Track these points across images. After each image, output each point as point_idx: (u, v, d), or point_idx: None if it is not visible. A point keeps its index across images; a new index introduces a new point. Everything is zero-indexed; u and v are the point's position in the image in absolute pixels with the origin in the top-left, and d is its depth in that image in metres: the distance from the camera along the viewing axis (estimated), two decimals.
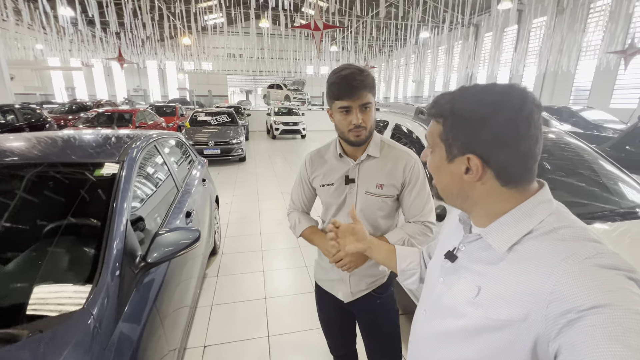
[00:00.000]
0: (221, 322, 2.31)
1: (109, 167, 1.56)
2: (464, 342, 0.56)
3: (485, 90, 0.54)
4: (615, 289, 0.40)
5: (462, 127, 0.54)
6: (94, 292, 1.06)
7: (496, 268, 0.54)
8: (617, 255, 0.45)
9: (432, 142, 0.61)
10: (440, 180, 0.62)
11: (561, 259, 0.46)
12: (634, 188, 2.04)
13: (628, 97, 11.37)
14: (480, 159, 0.53)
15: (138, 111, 8.56)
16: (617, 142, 4.00)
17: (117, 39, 15.80)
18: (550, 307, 0.43)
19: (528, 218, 0.53)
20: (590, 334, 0.38)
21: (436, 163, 0.61)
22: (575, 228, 0.50)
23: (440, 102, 0.58)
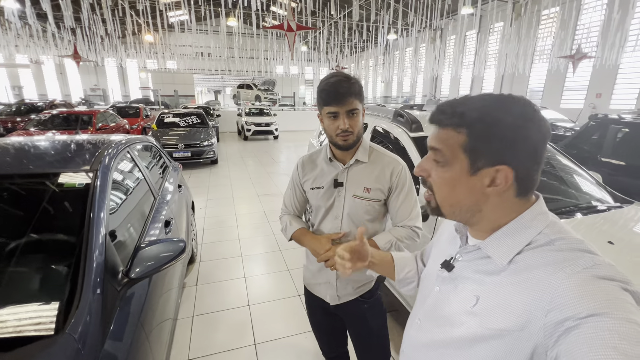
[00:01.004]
0: (204, 333, 2.23)
1: (81, 177, 1.45)
2: (460, 351, 0.56)
3: (500, 98, 0.53)
4: (611, 299, 0.41)
5: (496, 135, 0.51)
6: (76, 315, 0.98)
7: (495, 278, 0.54)
8: (613, 267, 0.46)
9: (449, 154, 0.55)
10: (453, 195, 0.57)
11: (559, 269, 0.47)
12: (587, 180, 2.24)
13: (576, 98, 12.44)
14: (513, 169, 0.51)
15: (98, 112, 8.01)
16: (570, 140, 4.37)
17: (72, 35, 14.68)
18: (549, 316, 0.44)
19: (526, 230, 0.54)
20: (587, 341, 0.39)
21: (452, 177, 0.56)
22: (570, 239, 0.51)
23: (458, 109, 0.54)
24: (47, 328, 0.96)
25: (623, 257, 1.42)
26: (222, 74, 24.24)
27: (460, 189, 0.56)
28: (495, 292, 0.53)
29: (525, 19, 11.81)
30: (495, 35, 14.80)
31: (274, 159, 8.78)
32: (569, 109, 11.87)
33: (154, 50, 19.56)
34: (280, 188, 5.85)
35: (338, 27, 18.22)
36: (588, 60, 9.84)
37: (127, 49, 18.40)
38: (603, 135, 4.01)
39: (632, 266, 1.37)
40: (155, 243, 1.39)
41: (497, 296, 0.53)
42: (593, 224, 1.73)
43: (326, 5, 13.80)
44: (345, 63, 26.79)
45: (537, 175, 0.54)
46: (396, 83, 24.39)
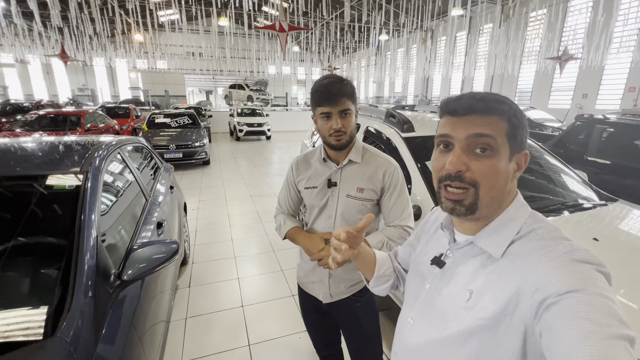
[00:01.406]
0: (197, 335, 2.22)
1: (71, 179, 1.43)
2: (458, 346, 0.57)
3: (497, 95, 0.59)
4: (587, 278, 0.46)
5: (520, 121, 0.58)
6: (67, 318, 0.97)
7: (486, 271, 0.57)
8: (589, 251, 0.51)
9: (495, 142, 0.54)
10: (498, 184, 0.56)
11: (542, 254, 0.51)
12: (575, 180, 2.30)
13: (563, 98, 12.71)
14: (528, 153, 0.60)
15: (87, 113, 7.87)
16: (558, 140, 4.46)
17: (59, 34, 14.39)
18: (534, 297, 0.48)
19: (513, 222, 0.58)
20: (565, 313, 0.43)
21: (500, 164, 0.55)
22: (549, 227, 0.56)
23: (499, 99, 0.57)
24: (37, 332, 0.95)
25: (607, 253, 1.47)
26: (214, 74, 24.08)
27: (503, 176, 0.56)
28: (488, 283, 0.56)
29: (513, 20, 12.02)
30: (484, 37, 15.03)
31: (266, 159, 8.75)
32: (557, 109, 12.12)
33: (144, 50, 19.31)
34: (273, 189, 5.84)
35: (330, 27, 18.27)
36: (574, 61, 10.07)
37: (116, 49, 18.13)
38: (589, 135, 4.11)
39: (616, 261, 1.42)
40: (148, 245, 1.38)
41: (489, 287, 0.55)
42: (579, 221, 1.78)
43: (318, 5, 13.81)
44: (338, 63, 26.86)
45: None
46: (388, 83, 24.55)
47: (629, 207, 1.98)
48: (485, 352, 0.54)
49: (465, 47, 16.08)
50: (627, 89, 10.64)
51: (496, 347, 0.53)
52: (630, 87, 10.51)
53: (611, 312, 0.42)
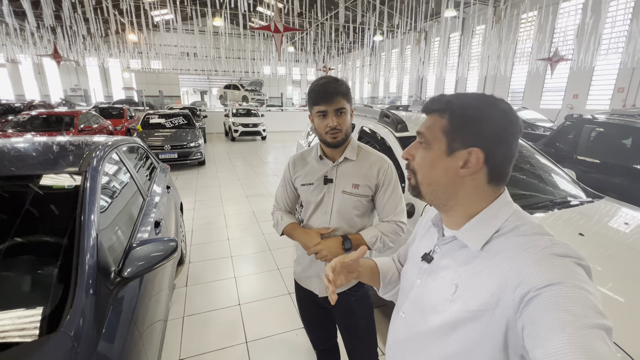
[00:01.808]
0: (195, 333, 2.24)
1: (70, 179, 1.45)
2: (444, 338, 0.60)
3: (484, 95, 0.60)
4: (565, 271, 0.48)
5: (469, 121, 0.58)
6: (70, 314, 1.00)
7: (471, 265, 0.59)
8: (568, 245, 0.53)
9: (430, 136, 0.62)
10: (431, 174, 0.63)
11: (523, 250, 0.53)
12: (563, 178, 2.37)
13: (554, 98, 12.91)
14: (483, 153, 0.57)
15: (80, 113, 7.81)
16: (548, 139, 4.55)
17: (52, 34, 14.23)
18: (516, 291, 0.50)
19: (495, 218, 0.60)
20: (544, 305, 0.45)
21: (431, 157, 0.62)
22: (532, 224, 0.58)
23: (445, 98, 0.61)
24: (41, 328, 0.97)
25: (591, 247, 1.52)
26: (209, 74, 23.99)
27: (438, 168, 0.62)
28: (472, 277, 0.58)
29: (505, 22, 12.19)
30: (477, 38, 15.20)
31: (262, 159, 8.76)
32: (548, 109, 12.31)
33: (138, 50, 19.17)
34: (268, 189, 5.86)
35: (325, 28, 18.31)
36: (565, 62, 10.24)
37: (109, 49, 17.98)
38: (578, 135, 4.20)
39: (600, 254, 1.48)
40: (147, 243, 1.41)
41: (473, 281, 0.58)
42: (566, 217, 1.84)
43: (313, 6, 13.85)
44: (332, 64, 26.93)
45: (508, 166, 0.60)
46: (382, 84, 24.68)
47: (614, 204, 2.05)
48: (470, 345, 0.57)
49: (458, 48, 16.25)
50: (616, 90, 10.85)
51: (480, 340, 0.55)
52: (619, 87, 10.72)
53: (588, 303, 0.44)
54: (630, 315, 1.17)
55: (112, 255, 1.33)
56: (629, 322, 1.13)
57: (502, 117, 0.57)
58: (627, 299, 1.23)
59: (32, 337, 0.94)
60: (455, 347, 0.58)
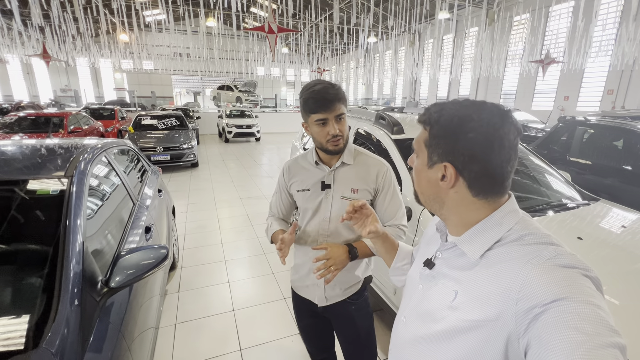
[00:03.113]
0: (187, 341, 2.18)
1: (55, 183, 1.39)
2: (443, 345, 0.58)
3: (473, 106, 0.57)
4: (572, 284, 0.45)
5: (444, 136, 0.57)
6: (53, 328, 0.94)
7: (470, 273, 0.58)
8: (574, 256, 0.50)
9: (417, 147, 0.64)
10: (420, 184, 0.65)
11: (526, 261, 0.51)
12: (559, 180, 2.37)
13: (545, 100, 13.08)
14: (454, 168, 0.57)
15: (70, 114, 7.66)
16: (542, 141, 4.59)
17: (40, 34, 13.97)
18: (519, 305, 0.48)
19: (498, 227, 0.57)
20: (552, 324, 0.42)
21: (419, 167, 0.65)
22: (537, 234, 0.55)
23: (431, 111, 0.61)
24: (20, 344, 0.92)
25: (591, 252, 1.51)
26: (202, 75, 23.78)
27: (423, 178, 0.64)
28: (471, 286, 0.56)
29: (498, 24, 12.32)
30: (470, 40, 15.34)
31: (256, 161, 8.70)
32: (540, 110, 12.47)
33: (130, 50, 18.92)
34: (263, 191, 5.81)
35: (319, 29, 18.31)
36: (556, 64, 10.37)
37: (100, 49, 17.71)
38: (571, 136, 4.24)
39: (599, 259, 1.47)
40: (136, 250, 1.35)
41: (473, 290, 0.56)
42: (563, 220, 1.83)
43: (307, 7, 13.83)
44: (327, 65, 26.94)
45: (491, 180, 0.57)
46: (377, 85, 24.76)
47: (610, 207, 2.05)
48: (470, 354, 0.54)
49: (452, 49, 16.38)
50: (605, 92, 11.04)
51: (479, 350, 0.53)
52: (609, 89, 10.91)
53: (599, 320, 0.41)
54: (629, 318, 1.15)
55: (99, 264, 1.28)
56: (627, 325, 1.11)
57: (481, 132, 0.54)
58: (627, 302, 1.22)
59: (10, 355, 0.88)
60: (455, 355, 0.56)
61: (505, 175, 0.56)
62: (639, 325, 1.14)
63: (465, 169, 0.56)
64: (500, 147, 0.54)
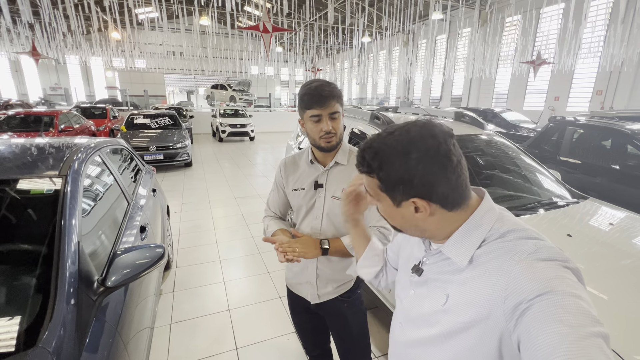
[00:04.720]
0: (183, 340, 2.17)
1: (50, 183, 1.38)
2: (439, 347, 0.60)
3: (403, 139, 0.56)
4: (553, 277, 0.47)
5: (396, 179, 0.57)
6: (49, 327, 0.94)
7: (459, 276, 0.59)
8: (553, 248, 0.52)
9: (374, 194, 0.63)
10: (395, 221, 0.65)
11: (509, 258, 0.53)
12: (549, 179, 2.42)
13: (536, 100, 13.27)
14: (423, 200, 0.57)
15: (60, 113, 7.55)
16: (533, 141, 4.67)
17: (30, 31, 13.70)
18: (507, 302, 0.49)
19: (479, 229, 0.59)
20: (538, 318, 0.44)
21: (386, 210, 0.64)
22: (517, 230, 0.57)
23: (366, 159, 0.60)
24: (17, 343, 0.91)
25: (581, 249, 1.55)
26: (195, 73, 23.60)
27: (396, 217, 0.64)
28: (461, 288, 0.58)
29: (491, 25, 12.46)
30: (463, 40, 15.49)
31: (250, 160, 8.67)
32: (531, 111, 12.64)
33: (122, 49, 18.68)
34: (257, 190, 5.80)
35: (314, 29, 18.30)
36: (547, 65, 10.53)
37: (92, 47, 17.45)
38: (561, 136, 4.32)
39: (588, 256, 1.51)
40: (132, 250, 1.35)
41: (463, 292, 0.57)
42: (554, 218, 1.87)
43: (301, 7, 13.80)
44: (321, 65, 26.93)
45: (457, 191, 0.57)
46: (370, 85, 24.84)
47: (599, 205, 2.10)
48: (465, 354, 0.56)
49: (445, 50, 16.51)
50: (594, 92, 11.24)
51: (474, 349, 0.55)
52: (598, 90, 11.11)
53: (582, 311, 0.43)
54: (616, 312, 1.19)
55: (95, 263, 1.27)
56: (615, 318, 1.15)
57: (422, 159, 0.54)
58: (614, 297, 1.26)
59: (6, 355, 0.87)
60: (452, 355, 0.58)
61: (465, 180, 0.58)
62: (626, 318, 1.18)
63: (433, 195, 0.57)
64: (449, 162, 0.55)
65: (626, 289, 1.32)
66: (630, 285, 1.33)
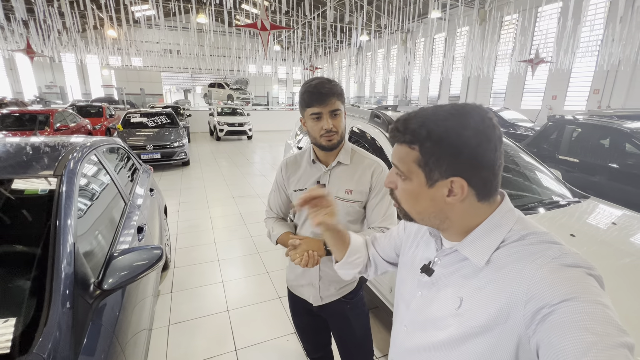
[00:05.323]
0: (181, 341, 2.15)
1: (44, 183, 1.34)
2: (450, 352, 0.58)
3: (457, 111, 0.54)
4: (579, 284, 0.45)
5: (442, 152, 0.54)
6: (44, 332, 0.91)
7: (475, 278, 0.57)
8: (578, 254, 0.51)
9: (405, 169, 0.58)
10: (418, 205, 0.60)
11: (532, 261, 0.50)
12: (550, 178, 2.41)
13: (534, 99, 13.31)
14: (465, 180, 0.54)
15: (56, 112, 7.47)
16: (532, 139, 4.66)
17: (24, 28, 13.55)
18: (527, 307, 0.47)
19: (498, 229, 0.57)
20: (562, 324, 0.42)
21: (414, 190, 0.59)
22: (539, 233, 0.55)
23: (411, 127, 0.56)
24: (10, 349, 0.88)
25: (584, 248, 1.54)
26: (192, 72, 23.46)
27: (423, 200, 0.59)
28: (478, 291, 0.55)
29: (489, 24, 12.46)
30: (462, 39, 15.49)
31: (248, 159, 8.63)
32: (529, 109, 12.67)
33: (118, 47, 18.52)
34: (255, 189, 5.76)
35: (312, 27, 18.23)
36: (545, 64, 10.55)
37: (87, 44, 17.28)
38: (560, 135, 4.32)
39: (592, 255, 1.49)
40: (130, 251, 1.32)
41: (479, 295, 0.55)
42: (556, 218, 1.86)
43: (300, 5, 13.73)
44: (319, 63, 26.87)
45: (495, 179, 0.56)
46: (369, 83, 24.82)
47: (599, 204, 2.09)
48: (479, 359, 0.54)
49: (443, 48, 16.51)
50: (592, 91, 11.29)
51: (489, 355, 0.53)
52: (595, 89, 11.16)
53: (608, 320, 0.42)
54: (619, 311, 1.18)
55: (91, 265, 1.24)
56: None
57: (477, 135, 0.52)
58: (617, 296, 1.24)
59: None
60: None
61: (501, 170, 0.56)
62: (626, 317, 1.16)
63: (473, 178, 0.54)
64: (499, 146, 0.54)
65: (631, 289, 1.30)
66: (637, 285, 1.32)
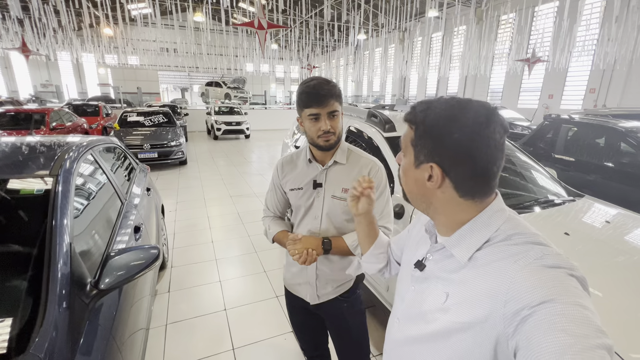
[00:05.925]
0: (179, 341, 2.15)
1: (40, 183, 1.34)
2: (435, 346, 0.59)
3: (459, 105, 0.56)
4: (559, 285, 0.46)
5: (429, 137, 0.57)
6: (40, 332, 0.91)
7: (460, 275, 0.58)
8: (560, 255, 0.51)
9: (404, 146, 0.64)
10: (407, 183, 0.65)
11: (513, 262, 0.51)
12: (546, 177, 2.43)
13: (531, 98, 13.37)
14: (440, 169, 0.56)
15: (52, 111, 7.42)
16: (528, 138, 4.69)
17: (19, 26, 13.43)
18: (507, 307, 0.48)
19: (485, 228, 0.57)
20: (540, 326, 0.43)
21: (405, 166, 0.64)
22: (525, 233, 0.55)
23: (416, 110, 0.60)
24: (6, 349, 0.88)
25: (577, 246, 1.56)
26: (190, 70, 23.37)
27: (410, 177, 0.63)
28: (461, 287, 0.57)
29: (486, 23, 12.49)
30: (459, 38, 15.52)
31: (246, 158, 8.62)
32: (525, 108, 12.74)
33: (114, 45, 18.40)
34: (253, 189, 5.76)
35: (309, 26, 18.21)
36: (541, 63, 10.60)
37: (83, 43, 17.17)
38: (556, 134, 4.34)
39: (585, 253, 1.51)
40: (126, 251, 1.32)
41: (462, 291, 0.56)
42: (551, 216, 1.88)
43: (297, 3, 13.71)
44: (317, 62, 26.84)
45: (478, 181, 0.56)
46: (366, 83, 24.83)
47: (594, 202, 2.11)
48: (460, 355, 0.55)
49: (440, 47, 16.54)
50: (588, 90, 11.35)
51: (469, 351, 0.53)
52: (591, 88, 11.22)
53: (586, 322, 0.42)
54: (612, 309, 1.19)
55: (87, 265, 1.24)
56: (610, 314, 1.15)
57: (462, 130, 0.53)
58: (610, 294, 1.26)
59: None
60: (446, 355, 0.57)
61: (492, 175, 0.56)
62: (620, 315, 1.18)
63: (451, 170, 0.56)
64: (486, 147, 0.53)
65: (624, 287, 1.32)
66: (631, 283, 1.33)
